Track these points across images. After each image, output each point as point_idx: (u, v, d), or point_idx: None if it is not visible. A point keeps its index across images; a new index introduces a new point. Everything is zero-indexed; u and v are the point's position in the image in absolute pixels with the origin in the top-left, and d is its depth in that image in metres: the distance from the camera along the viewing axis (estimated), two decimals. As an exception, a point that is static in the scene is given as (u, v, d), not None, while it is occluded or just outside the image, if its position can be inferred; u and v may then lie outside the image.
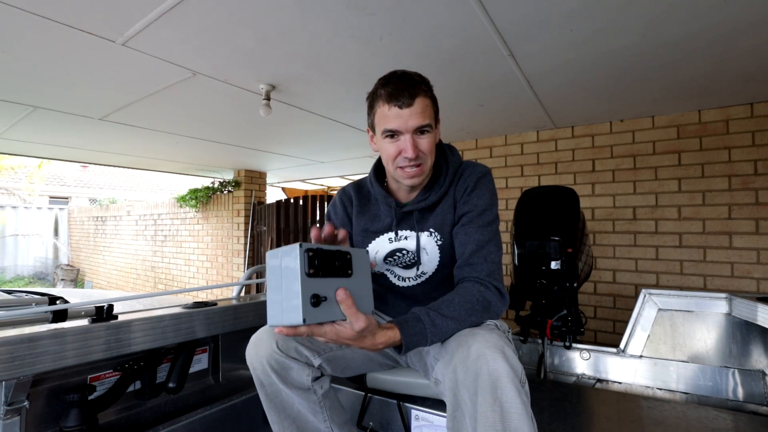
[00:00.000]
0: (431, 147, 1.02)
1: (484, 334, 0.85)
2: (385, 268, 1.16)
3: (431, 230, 1.09)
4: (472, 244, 1.01)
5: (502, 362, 0.78)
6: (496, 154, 3.42)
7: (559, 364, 1.79)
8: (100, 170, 13.54)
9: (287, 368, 1.01)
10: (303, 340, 1.04)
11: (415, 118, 0.97)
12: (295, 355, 1.02)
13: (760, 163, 2.48)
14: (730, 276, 2.55)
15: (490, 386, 0.77)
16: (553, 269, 1.69)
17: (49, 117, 2.89)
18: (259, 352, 1.01)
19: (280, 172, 5.70)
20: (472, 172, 1.09)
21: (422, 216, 1.11)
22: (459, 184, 1.09)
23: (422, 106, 0.98)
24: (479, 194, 1.05)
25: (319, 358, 1.05)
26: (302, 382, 1.03)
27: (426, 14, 1.56)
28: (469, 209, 1.05)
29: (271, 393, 1.04)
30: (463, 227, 1.04)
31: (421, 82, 1.01)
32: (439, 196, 1.08)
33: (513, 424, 0.75)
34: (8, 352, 0.83)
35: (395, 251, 1.13)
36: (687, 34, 1.69)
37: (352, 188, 1.23)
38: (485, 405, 0.77)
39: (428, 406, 1.19)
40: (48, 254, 10.78)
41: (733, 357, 1.49)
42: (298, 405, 1.04)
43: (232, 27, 1.66)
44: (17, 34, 1.70)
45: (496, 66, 2.01)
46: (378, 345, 0.83)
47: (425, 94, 0.99)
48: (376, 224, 1.15)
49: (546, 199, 1.84)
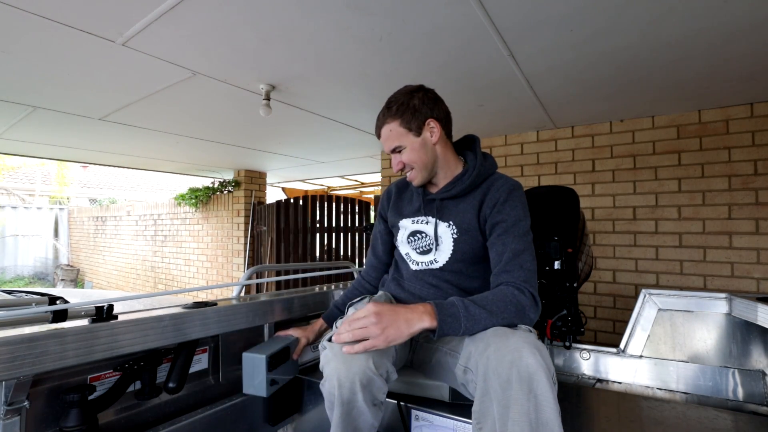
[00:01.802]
0: (411, 157, 1.17)
1: (522, 333, 0.90)
2: (409, 247, 1.27)
3: (450, 222, 1.18)
4: (509, 253, 1.05)
5: (539, 358, 0.83)
6: (496, 154, 3.42)
7: (559, 364, 1.79)
8: (100, 170, 13.54)
9: (373, 384, 0.97)
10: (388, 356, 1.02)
11: (385, 144, 1.19)
12: (383, 371, 0.99)
13: (760, 163, 2.48)
14: (730, 276, 2.55)
15: (527, 377, 0.81)
16: (553, 269, 1.69)
17: (49, 117, 2.89)
18: (352, 369, 0.95)
19: (280, 172, 5.70)
20: (504, 184, 1.15)
21: (443, 205, 1.22)
22: (490, 193, 1.15)
23: (386, 134, 1.18)
24: (512, 205, 1.11)
25: (396, 372, 1.04)
26: (379, 398, 1.00)
27: (426, 14, 1.56)
28: (502, 219, 1.10)
29: (348, 410, 0.98)
30: (499, 237, 1.09)
31: (393, 103, 1.16)
32: (459, 191, 1.18)
33: (545, 415, 0.80)
34: (8, 352, 0.83)
35: (416, 232, 1.25)
36: (687, 34, 1.69)
37: (396, 182, 1.42)
38: (521, 393, 0.81)
39: (428, 406, 1.19)
40: (48, 254, 10.78)
41: (733, 357, 1.48)
42: (361, 422, 1.00)
43: (232, 27, 1.66)
44: (17, 34, 1.70)
45: (496, 66, 2.02)
46: (410, 315, 0.91)
47: (389, 118, 1.16)
48: (407, 208, 1.31)
49: (546, 199, 1.84)
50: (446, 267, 1.19)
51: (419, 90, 1.18)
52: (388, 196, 1.41)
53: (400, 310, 0.93)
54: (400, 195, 1.37)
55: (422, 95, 1.17)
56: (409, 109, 1.15)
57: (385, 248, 1.42)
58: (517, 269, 1.03)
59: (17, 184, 11.60)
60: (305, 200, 5.08)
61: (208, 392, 1.38)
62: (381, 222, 1.42)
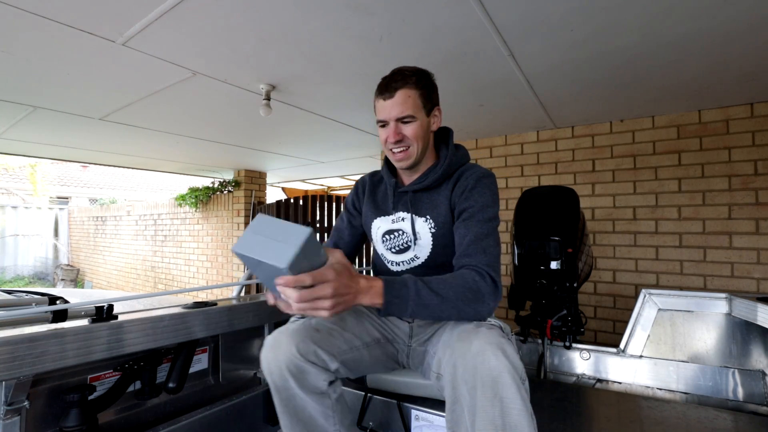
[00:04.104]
0: (416, 133, 1.09)
1: (485, 332, 0.86)
2: (383, 248, 1.23)
3: (427, 217, 1.14)
4: (471, 236, 1.02)
5: (503, 359, 0.79)
6: (496, 154, 3.42)
7: (559, 364, 1.79)
8: (100, 170, 13.54)
9: (305, 372, 0.99)
10: (322, 344, 1.02)
11: (396, 108, 1.07)
12: (313, 359, 1.00)
13: (760, 163, 2.48)
14: (730, 276, 2.55)
15: (491, 381, 0.78)
16: (553, 269, 1.69)
17: (49, 117, 2.89)
18: (278, 357, 0.98)
19: (280, 172, 5.70)
20: (472, 173, 1.12)
21: (416, 198, 1.17)
22: (459, 183, 1.12)
23: (403, 97, 1.07)
24: (479, 192, 1.08)
25: (336, 362, 1.03)
26: (319, 386, 1.00)
27: (426, 14, 1.56)
28: (469, 205, 1.07)
29: (286, 398, 1.01)
30: (464, 221, 1.06)
31: (412, 74, 1.08)
32: (432, 182, 1.14)
33: (513, 419, 0.76)
34: (8, 352, 0.83)
35: (393, 230, 1.20)
36: (687, 34, 1.69)
37: (369, 175, 1.35)
38: (485, 399, 0.78)
39: (428, 406, 1.19)
40: (48, 254, 10.78)
41: (733, 357, 1.48)
42: (310, 409, 1.02)
43: (232, 27, 1.66)
44: (17, 34, 1.70)
45: (496, 66, 2.01)
46: (360, 291, 0.85)
47: (410, 86, 1.07)
48: (380, 204, 1.25)
49: (546, 199, 1.84)
50: (429, 263, 1.15)
51: (432, 75, 1.14)
52: (363, 187, 1.33)
53: (354, 284, 0.85)
54: (374, 189, 1.30)
55: (435, 83, 1.14)
56: (429, 86, 1.11)
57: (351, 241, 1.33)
58: (480, 253, 0.99)
59: (17, 184, 11.60)
60: (305, 200, 5.07)
61: (208, 392, 1.38)
62: (350, 215, 1.33)
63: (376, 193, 1.29)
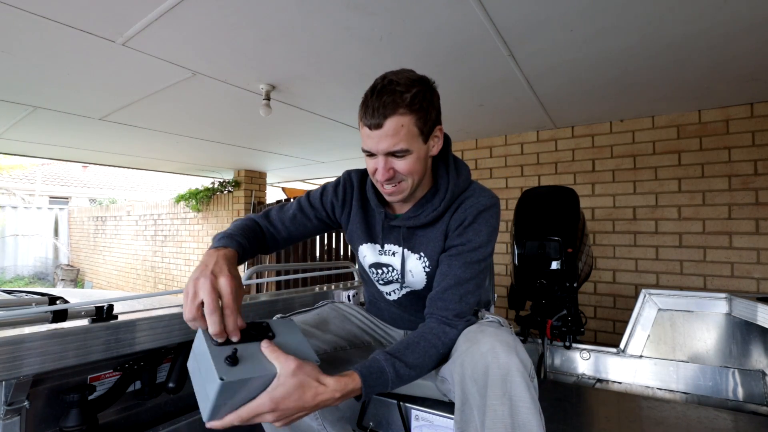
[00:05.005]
0: (411, 167, 0.91)
1: (493, 330, 0.85)
2: (372, 277, 1.14)
3: (421, 254, 1.02)
4: (451, 279, 0.94)
5: (513, 356, 0.77)
6: (496, 154, 3.42)
7: (559, 364, 1.79)
8: (100, 170, 13.54)
9: None
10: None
11: (386, 141, 0.87)
12: None
13: (760, 163, 2.48)
14: (730, 276, 2.55)
15: (500, 379, 0.76)
16: (553, 269, 1.69)
17: (49, 117, 2.89)
18: None
19: (280, 172, 5.70)
20: (473, 204, 0.98)
21: (411, 234, 1.04)
22: (456, 215, 0.99)
23: (395, 127, 0.85)
24: (475, 229, 0.96)
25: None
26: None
27: (426, 14, 1.56)
28: (460, 243, 0.97)
29: None
30: (449, 258, 0.97)
31: (404, 91, 0.86)
32: (430, 219, 0.99)
33: (522, 417, 0.75)
34: (8, 352, 0.83)
35: (381, 264, 1.09)
36: (687, 35, 1.69)
37: (357, 177, 1.12)
38: (494, 398, 0.76)
39: (428, 406, 1.19)
40: (48, 254, 10.78)
41: (733, 357, 1.49)
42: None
43: (232, 27, 1.66)
44: (17, 34, 1.70)
45: (496, 66, 2.01)
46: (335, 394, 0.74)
47: (402, 110, 0.85)
48: (368, 229, 1.10)
49: (546, 199, 1.84)
50: (422, 293, 1.07)
51: (432, 83, 0.93)
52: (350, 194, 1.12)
53: (313, 397, 0.73)
54: (364, 203, 1.11)
55: (436, 92, 0.94)
56: (427, 104, 0.89)
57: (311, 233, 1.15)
58: (455, 301, 0.93)
59: (17, 184, 11.60)
60: (305, 200, 5.07)
61: (208, 392, 1.37)
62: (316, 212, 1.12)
63: (366, 210, 1.11)
